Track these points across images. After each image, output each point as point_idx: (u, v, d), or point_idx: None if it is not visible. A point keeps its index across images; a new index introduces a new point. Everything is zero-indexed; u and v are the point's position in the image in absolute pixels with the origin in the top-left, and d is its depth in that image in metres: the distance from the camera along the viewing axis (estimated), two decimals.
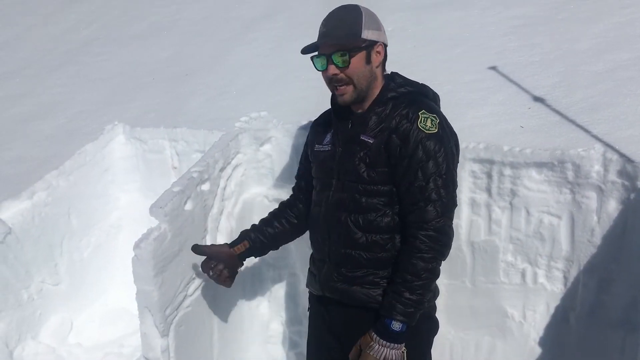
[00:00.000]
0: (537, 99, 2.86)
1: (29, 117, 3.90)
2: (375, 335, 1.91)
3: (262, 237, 2.32)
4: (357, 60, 1.89)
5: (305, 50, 1.94)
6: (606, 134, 2.46)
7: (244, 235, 2.33)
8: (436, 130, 1.87)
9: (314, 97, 3.20)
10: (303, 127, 2.83)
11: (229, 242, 2.36)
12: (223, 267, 2.28)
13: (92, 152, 3.21)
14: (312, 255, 2.23)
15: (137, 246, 2.18)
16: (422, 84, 2.06)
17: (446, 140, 1.90)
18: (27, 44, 5.19)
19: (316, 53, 1.94)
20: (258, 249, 2.35)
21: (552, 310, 2.56)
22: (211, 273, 2.29)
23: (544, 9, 3.83)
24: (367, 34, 1.90)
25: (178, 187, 2.40)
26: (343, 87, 1.91)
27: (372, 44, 1.92)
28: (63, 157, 3.17)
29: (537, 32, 3.55)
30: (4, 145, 3.56)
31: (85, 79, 4.32)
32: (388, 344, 1.89)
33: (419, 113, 1.88)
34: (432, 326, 2.14)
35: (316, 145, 2.14)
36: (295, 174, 2.36)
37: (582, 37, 3.37)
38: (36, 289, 2.90)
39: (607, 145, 2.38)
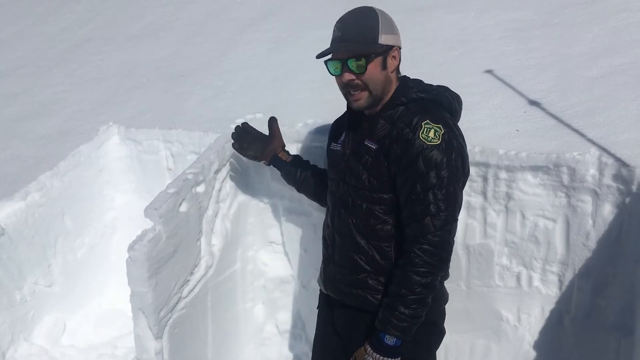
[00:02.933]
0: (533, 103, 2.86)
1: (25, 116, 3.87)
2: (369, 349, 1.90)
3: (300, 170, 2.40)
4: (374, 66, 1.84)
5: (320, 55, 1.88)
6: (601, 138, 2.46)
7: (294, 157, 2.47)
8: (439, 141, 1.79)
9: (310, 100, 3.20)
10: (299, 130, 2.83)
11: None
12: (252, 152, 2.52)
13: (87, 153, 3.20)
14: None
15: (131, 248, 2.17)
16: (437, 89, 1.98)
17: (449, 153, 1.82)
18: (23, 43, 5.16)
19: (329, 57, 1.89)
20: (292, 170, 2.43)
21: (547, 314, 2.57)
22: (237, 146, 2.53)
23: (540, 13, 3.83)
24: (384, 39, 1.85)
25: (173, 189, 2.39)
26: (358, 92, 1.87)
27: (388, 48, 1.87)
28: (58, 157, 3.15)
29: (533, 36, 3.56)
30: None
31: (82, 79, 4.30)
32: (382, 358, 1.88)
33: (423, 123, 1.81)
34: (437, 333, 2.13)
35: (332, 143, 2.13)
36: None
37: (577, 42, 3.37)
38: (29, 289, 2.88)
39: (603, 149, 2.39)
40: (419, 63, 3.46)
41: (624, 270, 2.34)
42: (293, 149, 2.83)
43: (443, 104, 1.96)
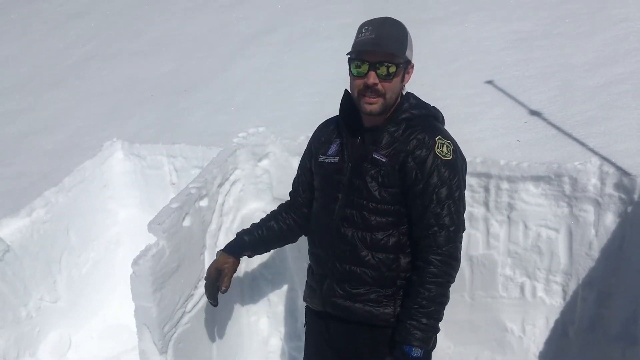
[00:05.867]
0: (534, 113, 2.87)
1: (29, 132, 3.91)
2: None
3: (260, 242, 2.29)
4: (397, 76, 1.88)
5: (354, 54, 1.88)
6: (603, 148, 2.47)
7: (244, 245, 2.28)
8: (451, 156, 1.88)
9: (312, 113, 3.21)
10: (301, 143, 2.84)
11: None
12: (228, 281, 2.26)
13: (91, 168, 3.22)
14: (309, 268, 2.20)
15: (135, 263, 2.18)
16: (433, 106, 2.05)
17: (459, 167, 1.92)
18: (28, 59, 5.21)
19: (354, 56, 1.88)
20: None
21: (551, 325, 2.56)
22: (223, 289, 2.24)
23: (540, 24, 3.85)
24: (408, 53, 1.91)
25: (176, 204, 2.40)
26: (374, 97, 1.88)
27: (408, 63, 1.93)
28: (63, 173, 3.18)
29: (534, 47, 3.58)
30: (4, 160, 3.57)
31: (85, 95, 4.33)
32: None
33: (436, 139, 1.88)
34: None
35: (320, 156, 2.09)
36: (294, 181, 2.26)
37: (577, 52, 3.39)
38: (35, 305, 2.89)
39: (604, 158, 2.39)
40: (421, 75, 3.46)
41: (628, 280, 2.33)
42: (295, 161, 2.84)
43: (439, 120, 2.03)
